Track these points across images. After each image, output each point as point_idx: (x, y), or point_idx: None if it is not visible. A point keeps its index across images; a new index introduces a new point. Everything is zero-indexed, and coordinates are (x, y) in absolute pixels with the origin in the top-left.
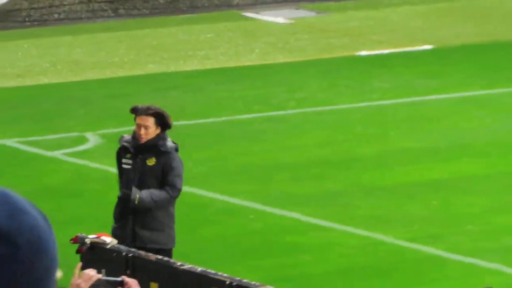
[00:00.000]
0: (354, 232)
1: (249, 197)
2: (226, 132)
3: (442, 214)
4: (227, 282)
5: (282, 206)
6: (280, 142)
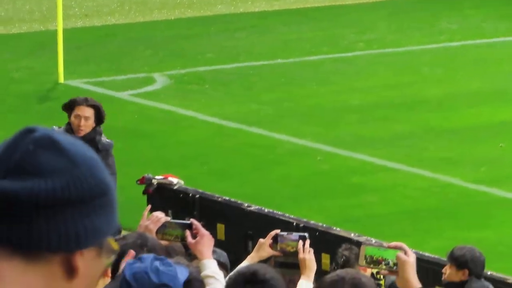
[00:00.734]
0: (420, 174)
1: (316, 138)
2: (294, 73)
3: (510, 156)
4: (294, 224)
5: (349, 148)
6: (348, 84)
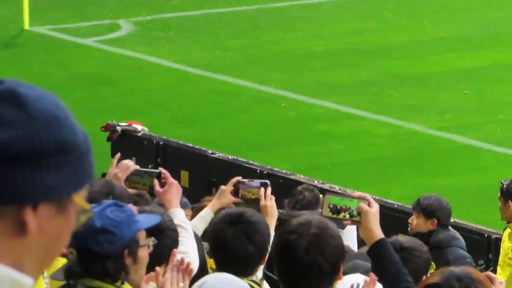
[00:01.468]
0: (385, 121)
1: (281, 85)
2: (259, 20)
3: (474, 104)
4: (258, 171)
5: (315, 95)
6: (314, 31)
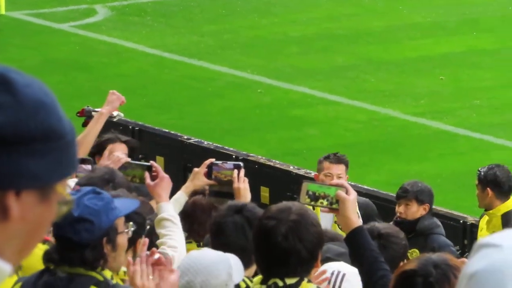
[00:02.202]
0: (361, 107)
1: (257, 71)
2: (235, 5)
3: (450, 89)
4: (234, 156)
5: (290, 80)
6: (289, 16)
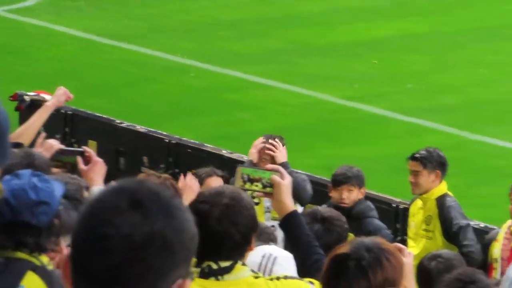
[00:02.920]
0: (294, 91)
1: (189, 54)
2: None
3: (383, 73)
4: (167, 140)
5: (223, 64)
6: None
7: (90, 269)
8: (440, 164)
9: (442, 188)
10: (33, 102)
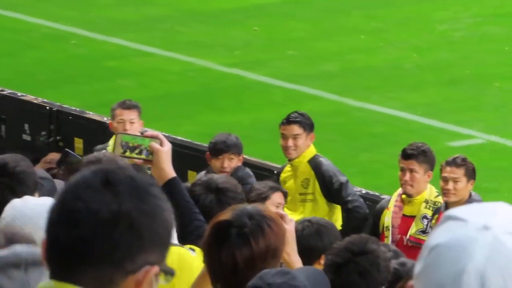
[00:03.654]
0: (175, 58)
1: (71, 22)
2: None
3: (263, 40)
4: (47, 108)
5: (105, 32)
6: None
7: (58, 241)
8: (312, 126)
9: (312, 150)
10: None
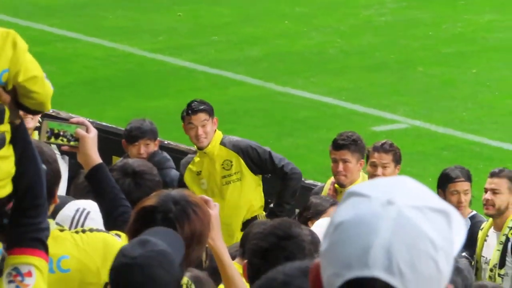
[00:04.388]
0: (99, 43)
1: None
2: None
3: (188, 25)
4: None
5: (28, 17)
6: None
7: None
8: (213, 110)
9: (218, 132)
10: None
